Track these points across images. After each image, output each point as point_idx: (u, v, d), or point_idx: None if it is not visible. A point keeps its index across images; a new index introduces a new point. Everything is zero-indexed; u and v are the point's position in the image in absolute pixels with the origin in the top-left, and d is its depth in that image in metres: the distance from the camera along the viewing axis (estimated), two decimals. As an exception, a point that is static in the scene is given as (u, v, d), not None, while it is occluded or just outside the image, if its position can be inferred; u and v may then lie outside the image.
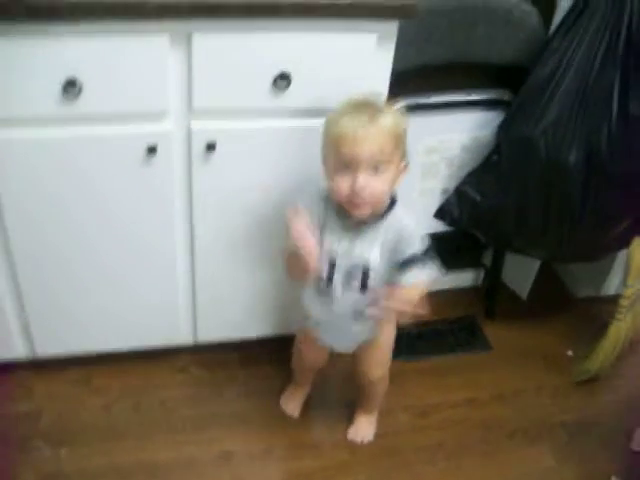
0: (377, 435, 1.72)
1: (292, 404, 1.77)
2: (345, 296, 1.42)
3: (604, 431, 1.80)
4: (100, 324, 1.69)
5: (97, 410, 1.72)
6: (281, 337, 1.82)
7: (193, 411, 1.74)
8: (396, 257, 1.38)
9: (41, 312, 1.63)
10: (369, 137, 1.29)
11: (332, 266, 1.40)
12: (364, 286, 1.41)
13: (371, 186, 1.30)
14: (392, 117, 1.33)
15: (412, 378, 1.87)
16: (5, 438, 1.63)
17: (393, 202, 1.39)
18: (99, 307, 1.66)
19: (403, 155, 1.36)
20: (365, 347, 1.56)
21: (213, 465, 1.62)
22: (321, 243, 1.39)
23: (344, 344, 1.57)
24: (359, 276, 1.40)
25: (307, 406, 1.77)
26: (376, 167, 1.30)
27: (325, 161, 1.37)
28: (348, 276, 1.40)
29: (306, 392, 1.78)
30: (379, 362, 1.61)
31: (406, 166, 1.38)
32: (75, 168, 1.43)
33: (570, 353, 2.00)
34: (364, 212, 1.35)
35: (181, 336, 1.78)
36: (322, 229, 1.40)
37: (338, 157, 1.31)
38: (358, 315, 1.45)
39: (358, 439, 1.71)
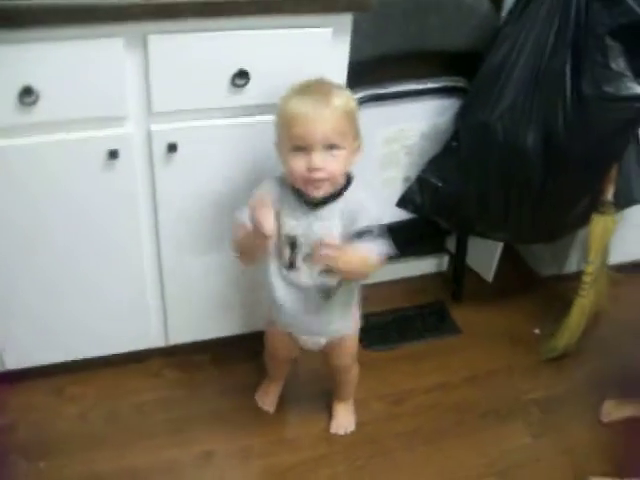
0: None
1: (268, 399, 1.77)
2: (309, 275, 1.42)
3: (575, 405, 1.85)
4: (71, 333, 1.67)
5: (73, 419, 1.70)
6: (252, 334, 1.82)
7: (170, 414, 1.73)
8: (350, 228, 1.38)
9: (11, 324, 1.61)
10: (322, 117, 1.30)
11: (293, 248, 1.41)
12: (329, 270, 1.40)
13: (327, 166, 1.32)
14: (343, 97, 1.34)
15: (384, 366, 1.89)
16: (-19, 455, 1.61)
17: (349, 181, 1.40)
18: (70, 315, 1.64)
19: (356, 135, 1.37)
20: (335, 340, 1.56)
21: (194, 466, 1.62)
22: (280, 226, 1.40)
23: (314, 331, 1.54)
24: None
25: (282, 400, 1.78)
26: (330, 147, 1.31)
27: (279, 143, 1.38)
28: (311, 256, 1.40)
29: (281, 386, 1.79)
30: (347, 348, 1.61)
31: (359, 146, 1.38)
32: (38, 176, 1.41)
33: (537, 331, 2.04)
34: (322, 191, 1.35)
35: (153, 339, 1.77)
36: (280, 213, 1.40)
37: (292, 138, 1.32)
38: (325, 292, 1.44)
39: (341, 431, 1.72)
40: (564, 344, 1.93)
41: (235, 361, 1.86)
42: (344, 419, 1.74)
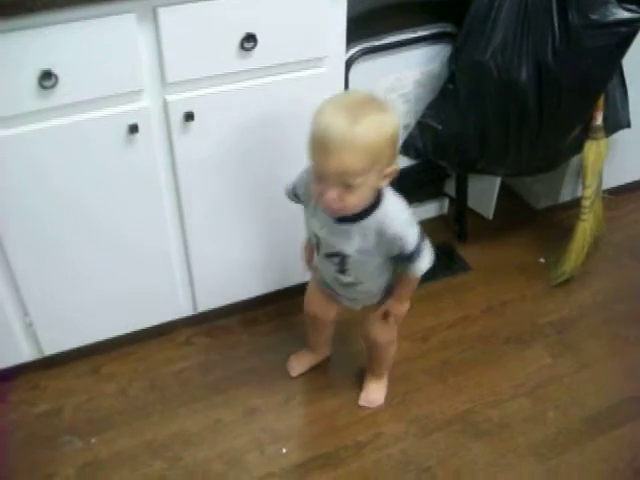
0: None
1: (295, 363, 1.80)
2: (328, 268, 1.47)
3: (587, 322, 1.97)
4: (102, 312, 1.71)
5: (115, 395, 1.75)
6: (276, 293, 1.89)
7: (208, 378, 1.79)
8: (388, 252, 1.39)
9: (43, 311, 1.64)
10: (340, 153, 1.20)
11: (318, 243, 1.44)
12: (342, 270, 1.44)
13: (341, 201, 1.26)
14: (374, 126, 1.22)
15: (404, 309, 1.97)
16: (33, 440, 1.65)
17: (376, 203, 1.34)
18: (99, 295, 1.68)
19: (388, 161, 1.27)
20: (372, 308, 1.56)
21: (241, 422, 1.69)
22: (308, 220, 1.46)
23: (343, 298, 1.58)
24: (338, 260, 1.43)
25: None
26: (346, 185, 1.24)
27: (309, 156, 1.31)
28: (330, 255, 1.43)
29: (315, 360, 1.81)
30: (385, 326, 1.58)
31: (393, 170, 1.30)
32: (61, 158, 1.43)
33: (542, 260, 2.14)
34: (337, 215, 1.34)
35: (181, 309, 1.82)
36: (310, 208, 1.43)
37: (311, 162, 1.28)
38: (341, 285, 1.50)
39: (368, 404, 1.73)
40: (571, 268, 2.03)
41: (263, 320, 1.93)
42: (374, 393, 1.75)
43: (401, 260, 1.40)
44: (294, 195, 1.49)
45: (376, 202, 1.34)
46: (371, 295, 1.53)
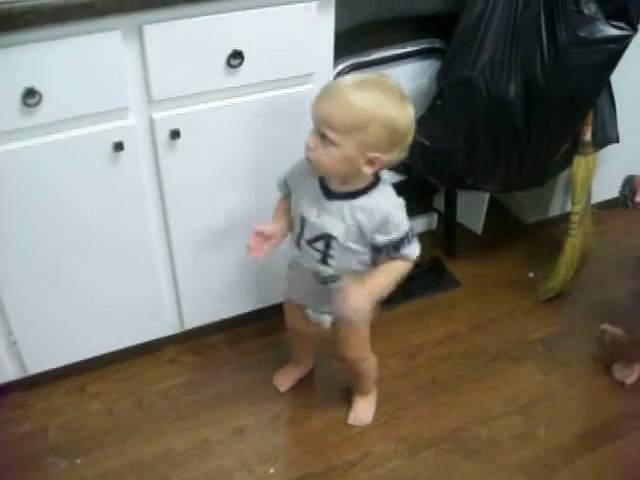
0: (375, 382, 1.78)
1: (282, 379, 1.79)
2: (309, 256, 1.43)
3: (577, 338, 1.96)
4: (87, 330, 1.69)
5: (100, 415, 1.73)
6: (262, 310, 1.88)
7: (195, 396, 1.77)
8: (376, 237, 1.35)
9: (27, 330, 1.62)
10: (330, 101, 1.26)
11: (302, 229, 1.41)
12: (324, 258, 1.40)
13: (314, 151, 1.29)
14: (374, 100, 1.25)
15: (392, 325, 1.95)
16: (17, 460, 1.62)
17: (372, 185, 1.35)
18: (84, 313, 1.66)
19: (375, 145, 1.26)
20: (339, 328, 1.54)
21: (229, 442, 1.67)
22: (296, 203, 1.43)
23: (318, 306, 1.52)
24: (322, 245, 1.40)
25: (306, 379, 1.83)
26: (322, 134, 1.27)
27: None
28: (314, 240, 1.40)
29: (301, 372, 1.81)
30: (354, 343, 1.58)
31: (380, 161, 1.29)
32: (47, 175, 1.42)
33: (531, 275, 2.13)
34: (317, 174, 1.35)
35: (168, 327, 1.80)
36: (300, 189, 1.42)
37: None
38: (322, 279, 1.44)
39: (357, 423, 1.72)
40: (560, 283, 2.02)
41: (249, 338, 1.91)
42: (362, 412, 1.73)
43: (388, 247, 1.34)
44: (284, 183, 1.47)
45: (371, 185, 1.35)
46: None
